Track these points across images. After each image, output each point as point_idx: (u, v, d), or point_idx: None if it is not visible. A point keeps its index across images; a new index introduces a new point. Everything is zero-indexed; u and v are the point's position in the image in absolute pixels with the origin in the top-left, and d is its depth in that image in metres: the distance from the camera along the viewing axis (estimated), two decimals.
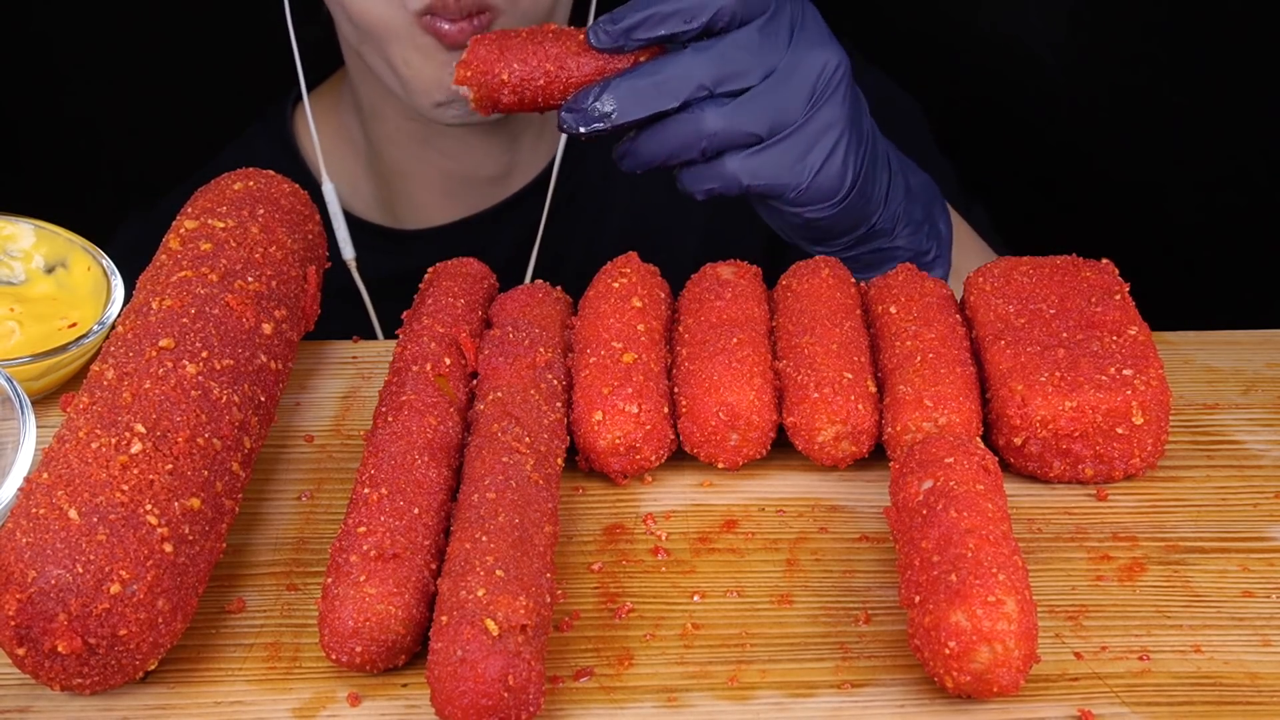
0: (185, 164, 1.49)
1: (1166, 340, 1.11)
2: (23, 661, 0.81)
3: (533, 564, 0.85)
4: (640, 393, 0.98)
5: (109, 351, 0.92)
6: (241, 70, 1.85)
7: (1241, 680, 0.85)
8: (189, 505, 0.85)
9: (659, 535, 0.95)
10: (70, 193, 1.79)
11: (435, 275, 1.10)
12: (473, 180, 1.50)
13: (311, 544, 0.95)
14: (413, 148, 1.48)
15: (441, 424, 0.95)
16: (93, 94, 1.90)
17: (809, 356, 1.00)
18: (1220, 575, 0.92)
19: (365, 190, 1.54)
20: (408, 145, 1.48)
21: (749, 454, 0.99)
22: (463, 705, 0.78)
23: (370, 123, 1.50)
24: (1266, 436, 1.04)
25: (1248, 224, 1.84)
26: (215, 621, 0.89)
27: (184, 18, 1.85)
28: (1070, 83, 1.83)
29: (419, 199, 1.52)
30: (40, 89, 1.90)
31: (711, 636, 0.88)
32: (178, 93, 1.88)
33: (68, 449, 0.85)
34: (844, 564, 0.93)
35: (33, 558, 0.80)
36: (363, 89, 1.48)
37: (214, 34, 1.87)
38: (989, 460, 0.90)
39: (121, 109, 1.90)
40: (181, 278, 0.97)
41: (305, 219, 1.08)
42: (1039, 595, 0.88)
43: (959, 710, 0.83)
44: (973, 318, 1.05)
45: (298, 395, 1.08)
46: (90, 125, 1.92)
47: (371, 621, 0.83)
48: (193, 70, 1.88)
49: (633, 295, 1.05)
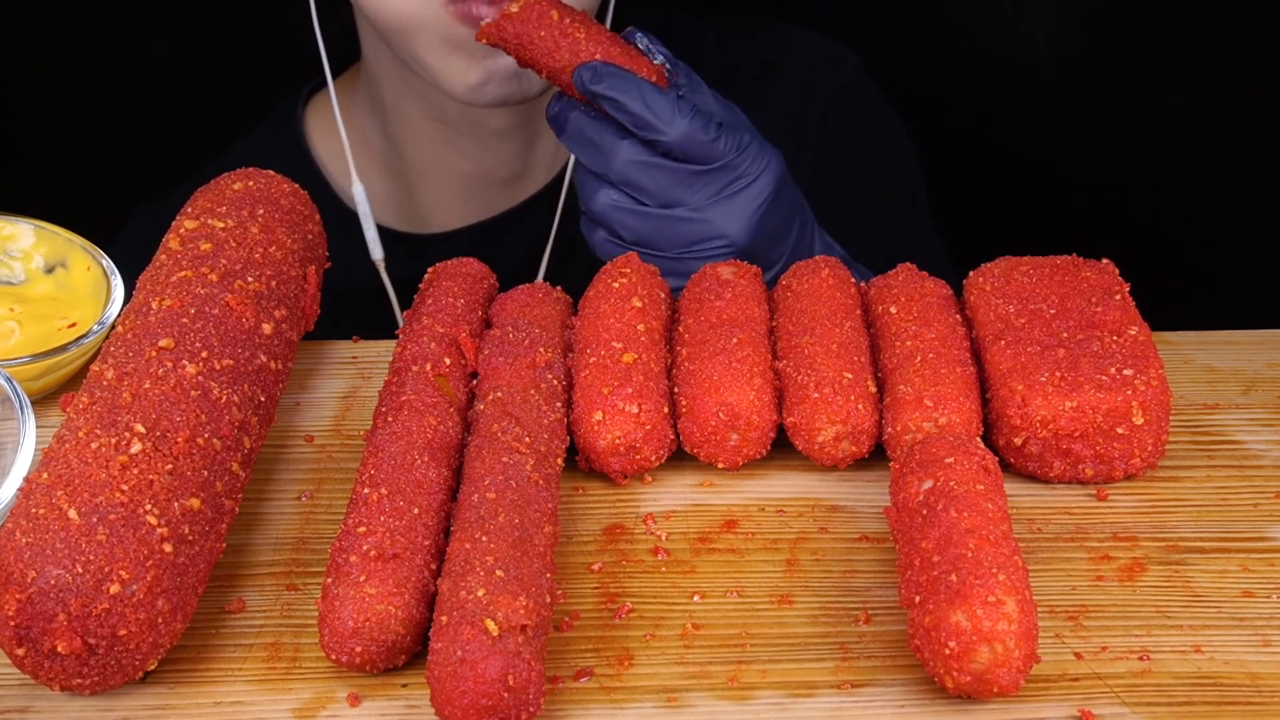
0: (186, 163, 1.49)
1: (1166, 340, 1.11)
2: (22, 661, 0.81)
3: (533, 564, 0.85)
4: (640, 393, 0.98)
5: (109, 351, 0.92)
6: (243, 69, 1.86)
7: (1241, 680, 0.85)
8: (189, 505, 0.85)
9: (659, 535, 0.95)
10: (71, 192, 1.79)
11: (435, 275, 1.10)
12: (490, 181, 1.50)
13: (311, 544, 0.95)
14: (432, 148, 1.48)
15: (441, 424, 0.95)
16: (93, 93, 1.90)
17: (809, 356, 1.00)
18: (1220, 575, 0.92)
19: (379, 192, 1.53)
20: (428, 145, 1.48)
21: (749, 454, 0.99)
22: (463, 705, 0.78)
23: (391, 122, 1.49)
24: (1266, 436, 1.04)
25: (1247, 224, 1.84)
26: (215, 621, 0.89)
27: (186, 17, 1.85)
28: (1070, 82, 1.83)
29: (435, 199, 1.52)
30: (41, 88, 1.90)
31: (711, 636, 0.88)
32: (179, 91, 1.88)
33: (67, 449, 0.85)
34: (844, 564, 0.93)
35: (32, 558, 0.80)
36: (386, 88, 1.47)
37: (215, 33, 1.87)
38: (989, 460, 0.90)
39: (122, 108, 1.90)
40: (181, 278, 0.97)
41: (305, 219, 1.08)
42: (1039, 595, 0.88)
43: (959, 710, 0.83)
44: (973, 318, 1.05)
45: (298, 395, 1.08)
46: (91, 125, 1.92)
47: (371, 621, 0.83)
48: (194, 70, 1.88)
49: (633, 295, 1.05)
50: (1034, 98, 1.84)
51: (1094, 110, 1.83)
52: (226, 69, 1.87)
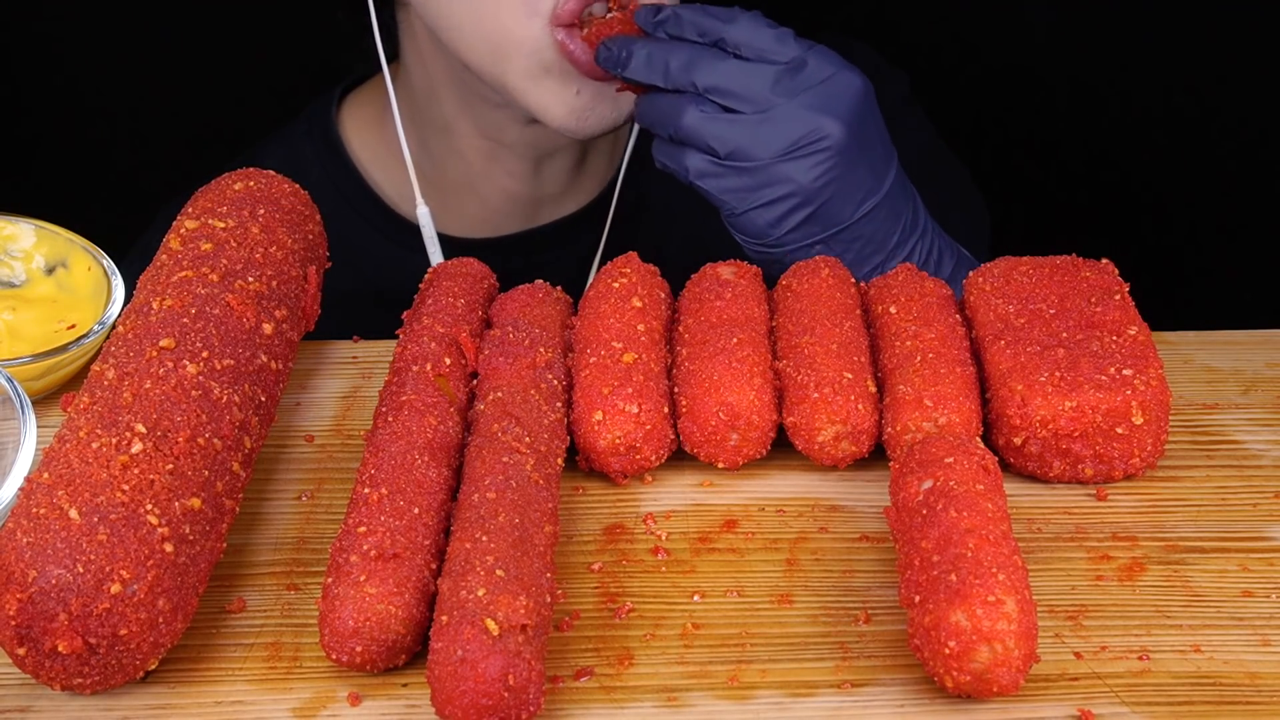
0: (187, 163, 1.48)
1: (1166, 340, 1.11)
2: (23, 661, 0.81)
3: (533, 564, 0.85)
4: (640, 393, 0.98)
5: (109, 351, 0.92)
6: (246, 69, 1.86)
7: (1241, 680, 0.85)
8: (189, 505, 0.85)
9: (659, 535, 0.95)
10: (71, 192, 1.79)
11: (435, 275, 1.10)
12: (533, 200, 1.48)
13: (312, 544, 0.95)
14: (480, 164, 1.46)
15: (442, 424, 0.95)
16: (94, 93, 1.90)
17: (809, 356, 1.00)
18: (1220, 575, 0.92)
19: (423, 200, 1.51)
20: (476, 162, 1.46)
21: (749, 454, 0.99)
22: (463, 705, 0.78)
23: (435, 136, 1.46)
24: (1266, 436, 1.04)
25: (1248, 224, 1.84)
26: (215, 621, 0.89)
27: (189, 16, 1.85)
28: (1069, 83, 1.83)
29: (474, 213, 1.49)
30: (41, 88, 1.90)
31: (711, 636, 0.88)
32: (183, 92, 1.88)
33: (68, 449, 0.85)
34: (844, 564, 0.93)
35: (33, 557, 0.80)
36: (436, 104, 1.43)
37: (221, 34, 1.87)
38: (989, 460, 0.90)
39: (124, 108, 1.91)
40: (182, 278, 0.97)
41: (306, 219, 1.08)
42: (1039, 595, 0.88)
43: (959, 710, 0.83)
44: (973, 318, 1.05)
45: (298, 395, 1.08)
46: (91, 124, 1.92)
47: (372, 621, 0.83)
48: (195, 69, 1.88)
49: (633, 295, 1.05)
50: (1034, 98, 1.84)
51: (1093, 110, 1.83)
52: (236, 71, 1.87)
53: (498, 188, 1.47)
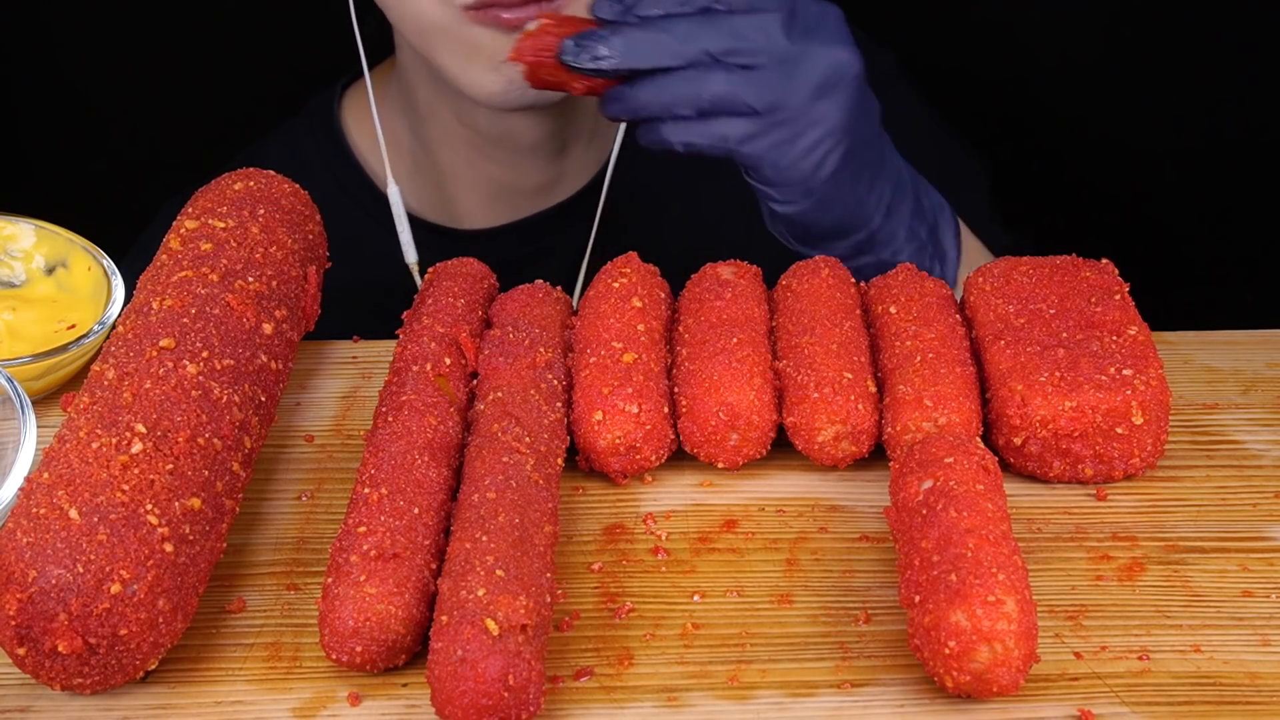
0: (187, 163, 1.48)
1: (1166, 340, 1.11)
2: (23, 661, 0.81)
3: (533, 564, 0.85)
4: (640, 393, 0.98)
5: (109, 351, 0.92)
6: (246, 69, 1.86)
7: (1241, 680, 0.85)
8: (189, 505, 0.85)
9: (659, 535, 0.96)
10: (71, 192, 1.79)
11: (435, 275, 1.10)
12: (521, 189, 1.49)
13: (312, 544, 0.95)
14: (464, 151, 1.47)
15: (441, 424, 0.95)
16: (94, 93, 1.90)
17: (809, 356, 1.00)
18: (1220, 575, 0.92)
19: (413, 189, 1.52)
20: (459, 149, 1.47)
21: (749, 454, 0.99)
22: (463, 705, 0.78)
23: (424, 124, 1.48)
24: (1266, 436, 1.04)
25: (1248, 224, 1.84)
26: (215, 621, 0.89)
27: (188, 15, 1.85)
28: (1069, 82, 1.83)
29: (467, 202, 1.51)
30: (41, 88, 1.90)
31: (711, 636, 0.88)
32: (183, 92, 1.88)
33: (68, 449, 0.85)
34: (844, 564, 0.93)
35: (33, 557, 0.80)
36: (418, 90, 1.46)
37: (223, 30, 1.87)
38: (989, 460, 0.90)
39: (124, 108, 1.90)
40: (182, 278, 0.97)
41: (306, 219, 1.08)
42: (1039, 595, 0.88)
43: (959, 710, 0.83)
44: (973, 318, 1.05)
45: (298, 395, 1.08)
46: (91, 124, 1.92)
47: (371, 621, 0.83)
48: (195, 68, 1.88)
49: (633, 295, 1.05)
50: (1033, 97, 1.84)
51: (1093, 110, 1.83)
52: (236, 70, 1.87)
53: (485, 176, 1.49)
